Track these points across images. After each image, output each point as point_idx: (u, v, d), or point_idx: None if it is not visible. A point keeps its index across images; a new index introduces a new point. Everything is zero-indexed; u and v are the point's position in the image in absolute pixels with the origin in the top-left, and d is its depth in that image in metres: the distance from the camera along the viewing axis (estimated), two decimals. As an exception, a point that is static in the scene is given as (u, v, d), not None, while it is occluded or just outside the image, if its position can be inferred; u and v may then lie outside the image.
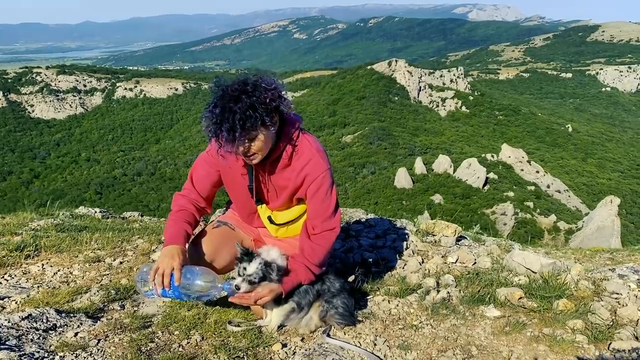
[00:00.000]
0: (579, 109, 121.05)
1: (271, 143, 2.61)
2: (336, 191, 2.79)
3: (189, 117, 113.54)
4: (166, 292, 2.59)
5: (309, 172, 2.68)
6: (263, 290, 2.59)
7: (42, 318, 2.65)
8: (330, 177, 2.74)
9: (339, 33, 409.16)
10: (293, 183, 2.73)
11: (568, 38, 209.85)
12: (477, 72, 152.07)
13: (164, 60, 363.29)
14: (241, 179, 2.82)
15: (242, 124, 2.38)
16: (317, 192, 2.70)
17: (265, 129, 2.50)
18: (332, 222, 2.76)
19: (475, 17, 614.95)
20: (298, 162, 2.70)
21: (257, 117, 2.41)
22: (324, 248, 2.75)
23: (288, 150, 2.68)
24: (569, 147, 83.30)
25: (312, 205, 2.75)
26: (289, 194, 2.79)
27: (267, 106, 2.45)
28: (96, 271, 3.62)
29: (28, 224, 4.79)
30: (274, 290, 2.61)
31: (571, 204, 54.75)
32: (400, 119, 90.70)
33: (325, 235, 2.74)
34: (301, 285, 2.73)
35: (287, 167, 2.72)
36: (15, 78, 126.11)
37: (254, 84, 2.46)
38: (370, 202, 50.18)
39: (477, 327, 2.86)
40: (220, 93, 2.46)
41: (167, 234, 2.74)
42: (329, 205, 2.74)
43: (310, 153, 2.69)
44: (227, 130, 2.39)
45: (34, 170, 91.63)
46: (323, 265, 2.80)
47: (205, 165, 2.87)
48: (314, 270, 2.72)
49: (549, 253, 5.74)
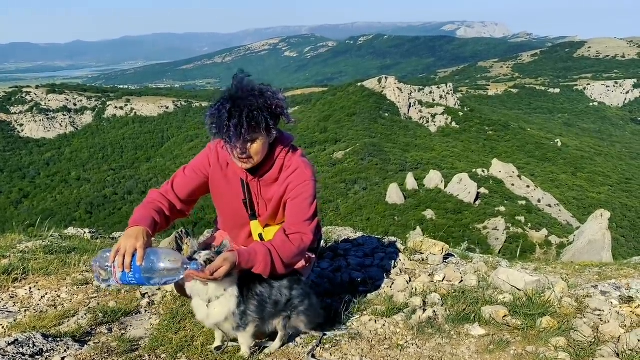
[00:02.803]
0: (568, 124, 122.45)
1: (264, 154, 2.68)
2: (316, 206, 2.81)
3: (180, 135, 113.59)
4: (126, 275, 2.36)
5: (292, 180, 2.76)
6: (217, 261, 2.39)
7: (28, 343, 2.64)
8: (312, 189, 2.78)
9: (329, 51, 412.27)
10: (278, 192, 2.80)
11: (555, 54, 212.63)
12: (466, 88, 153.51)
13: (155, 78, 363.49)
14: (235, 190, 2.86)
15: (249, 121, 2.47)
16: (296, 198, 2.75)
17: (267, 134, 2.60)
18: (306, 229, 2.71)
19: (464, 34, 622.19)
20: (284, 174, 2.78)
21: (263, 119, 2.51)
22: (294, 247, 2.65)
23: (278, 164, 2.77)
24: (558, 162, 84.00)
25: (289, 208, 2.77)
26: (275, 205, 2.84)
27: (272, 111, 2.56)
28: (84, 294, 3.61)
29: (16, 246, 4.76)
30: (228, 259, 2.41)
31: (562, 218, 55.08)
32: (391, 134, 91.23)
33: (297, 237, 2.68)
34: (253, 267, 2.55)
35: (276, 182, 2.80)
36: (4, 97, 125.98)
37: (261, 89, 2.57)
38: (362, 218, 50.22)
39: (462, 346, 2.88)
40: (229, 93, 2.55)
41: (132, 219, 2.64)
42: (306, 212, 2.74)
43: (296, 164, 2.78)
44: (235, 126, 2.46)
45: (24, 190, 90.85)
46: (287, 266, 2.66)
47: (191, 171, 2.91)
48: (275, 260, 2.57)
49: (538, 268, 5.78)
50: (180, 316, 3.12)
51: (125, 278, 2.37)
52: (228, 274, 2.44)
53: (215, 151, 2.88)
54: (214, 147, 2.88)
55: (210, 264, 2.39)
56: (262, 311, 2.65)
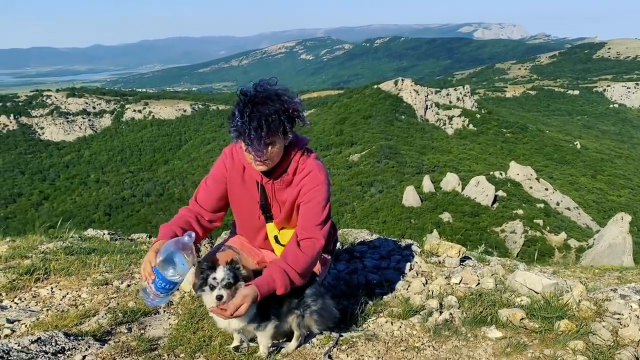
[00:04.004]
0: (587, 126, 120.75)
1: (281, 154, 2.74)
2: (329, 210, 2.84)
3: (197, 138, 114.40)
4: (156, 283, 2.44)
5: (305, 184, 2.80)
6: (236, 299, 2.46)
7: (51, 341, 2.71)
8: (325, 192, 2.81)
9: (345, 53, 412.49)
10: (292, 194, 2.84)
11: (574, 55, 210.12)
12: (484, 90, 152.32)
13: (172, 82, 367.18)
14: (251, 193, 2.92)
15: (268, 124, 2.54)
16: (309, 202, 2.79)
17: (283, 137, 2.67)
18: (317, 233, 2.75)
19: (481, 36, 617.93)
20: (298, 177, 2.83)
21: (281, 121, 2.58)
22: (307, 256, 2.70)
23: (292, 166, 2.82)
24: (578, 164, 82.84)
25: (302, 212, 2.82)
26: (289, 207, 2.88)
27: (289, 115, 2.63)
28: (104, 294, 3.68)
29: (37, 247, 4.86)
30: (248, 295, 2.48)
31: (581, 222, 54.29)
32: (408, 137, 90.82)
33: (309, 242, 2.73)
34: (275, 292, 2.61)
35: (290, 184, 2.85)
36: (26, 101, 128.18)
37: (278, 93, 2.62)
38: (378, 220, 49.98)
39: (478, 349, 2.88)
40: (248, 98, 2.60)
41: (157, 237, 2.73)
42: (318, 216, 2.77)
43: (310, 167, 2.82)
44: (255, 129, 2.52)
45: (44, 192, 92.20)
46: (304, 275, 2.72)
47: (212, 181, 2.97)
48: (292, 277, 2.63)
49: (557, 272, 5.73)
50: (199, 316, 3.16)
51: (157, 285, 2.46)
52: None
53: (230, 156, 2.94)
54: (229, 152, 2.94)
55: (232, 303, 2.44)
56: (278, 309, 2.71)
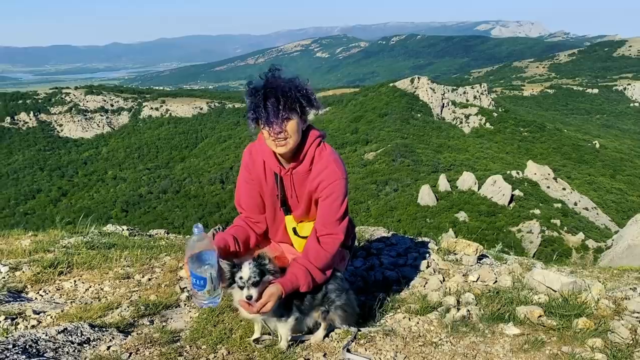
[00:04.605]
0: (606, 125, 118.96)
1: (299, 137, 2.80)
2: (347, 204, 2.90)
3: (214, 136, 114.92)
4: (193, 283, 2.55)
5: (324, 179, 2.85)
6: (263, 298, 2.58)
7: (76, 332, 2.78)
8: (344, 187, 2.88)
9: (361, 51, 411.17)
10: (309, 188, 2.90)
11: (594, 53, 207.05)
12: (501, 89, 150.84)
13: (189, 80, 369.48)
14: (271, 186, 2.99)
15: (285, 100, 2.64)
16: (327, 197, 2.85)
17: (300, 116, 2.75)
18: (336, 229, 2.84)
19: (499, 33, 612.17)
20: (316, 168, 2.88)
21: (296, 98, 2.69)
22: (328, 253, 2.80)
23: (309, 155, 2.87)
24: (596, 164, 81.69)
25: (321, 208, 2.88)
26: (307, 199, 2.94)
27: (303, 94, 2.73)
28: (126, 287, 3.75)
29: (59, 241, 4.96)
30: (274, 294, 2.60)
31: (600, 222, 53.58)
32: (423, 135, 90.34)
33: (329, 239, 2.82)
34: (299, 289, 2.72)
35: (308, 175, 2.89)
36: (45, 98, 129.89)
37: (290, 78, 2.76)
38: (393, 219, 49.84)
39: (496, 345, 2.90)
40: (264, 81, 2.72)
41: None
42: (336, 211, 2.85)
43: (327, 161, 2.87)
44: (272, 104, 2.62)
45: (62, 188, 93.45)
46: (325, 271, 2.82)
47: (245, 184, 3.06)
48: (315, 275, 2.76)
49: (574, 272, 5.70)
50: (219, 310, 3.21)
51: (193, 284, 2.57)
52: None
53: (249, 154, 3.03)
54: (247, 152, 3.05)
55: (259, 302, 2.56)
56: (301, 303, 2.78)
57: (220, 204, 74.13)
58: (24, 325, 2.99)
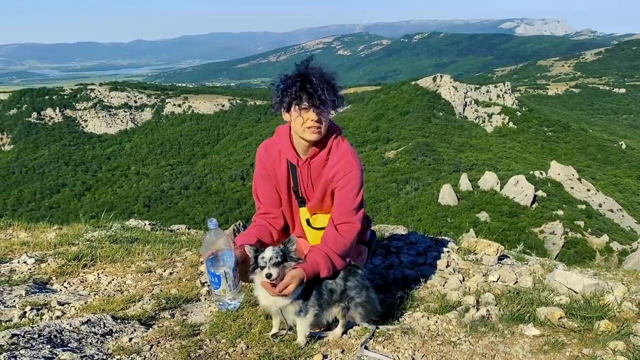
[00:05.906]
0: (633, 126, 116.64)
1: (327, 128, 2.89)
2: (363, 195, 2.95)
3: (235, 133, 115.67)
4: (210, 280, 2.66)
5: (340, 169, 2.91)
6: (285, 279, 2.62)
7: (99, 323, 2.84)
8: (360, 178, 2.93)
9: (383, 49, 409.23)
10: (325, 177, 2.95)
11: (621, 52, 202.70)
12: (525, 88, 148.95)
13: (212, 77, 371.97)
14: (287, 178, 3.05)
15: (329, 89, 2.77)
16: (344, 187, 2.91)
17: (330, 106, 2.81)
18: (353, 217, 2.89)
19: (523, 31, 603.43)
20: (333, 159, 2.94)
21: (332, 86, 2.81)
22: (346, 240, 2.85)
23: (327, 147, 2.95)
24: (622, 165, 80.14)
25: (337, 198, 2.94)
26: (322, 189, 2.99)
27: (337, 89, 2.86)
28: (147, 281, 3.81)
29: (83, 235, 5.06)
30: (295, 276, 2.64)
31: (625, 224, 52.57)
32: (445, 134, 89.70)
33: (346, 227, 2.87)
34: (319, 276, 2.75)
35: (325, 165, 2.96)
36: (70, 94, 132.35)
37: (321, 67, 2.86)
38: (413, 218, 49.57)
39: (515, 345, 2.87)
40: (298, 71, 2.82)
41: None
42: (352, 201, 2.90)
43: (344, 152, 2.95)
44: (320, 90, 2.74)
45: (86, 183, 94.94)
46: (344, 258, 2.86)
47: (260, 178, 3.12)
48: (334, 260, 2.80)
49: (597, 274, 5.61)
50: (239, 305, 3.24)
51: (210, 281, 2.69)
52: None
53: (264, 147, 3.11)
54: (263, 146, 3.12)
55: (281, 283, 2.61)
56: (319, 297, 2.79)
57: (241, 200, 74.58)
58: (49, 315, 3.06)
